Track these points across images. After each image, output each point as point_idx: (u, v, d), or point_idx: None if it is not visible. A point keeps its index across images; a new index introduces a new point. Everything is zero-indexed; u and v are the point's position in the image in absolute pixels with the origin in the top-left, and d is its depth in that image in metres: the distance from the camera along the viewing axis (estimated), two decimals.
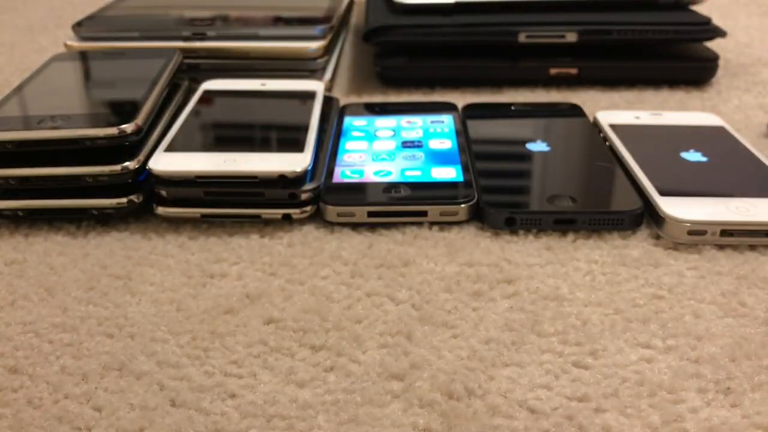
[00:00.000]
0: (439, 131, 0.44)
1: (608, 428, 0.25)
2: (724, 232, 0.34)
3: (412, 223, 0.36)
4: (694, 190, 0.36)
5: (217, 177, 0.36)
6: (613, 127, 0.43)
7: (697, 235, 0.34)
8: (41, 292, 0.33)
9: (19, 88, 0.42)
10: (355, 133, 0.44)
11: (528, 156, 0.41)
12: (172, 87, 0.45)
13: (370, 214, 0.36)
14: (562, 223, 0.36)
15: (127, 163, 0.36)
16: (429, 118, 0.46)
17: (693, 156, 0.39)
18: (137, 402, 0.27)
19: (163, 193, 0.37)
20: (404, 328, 0.30)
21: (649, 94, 0.53)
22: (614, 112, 0.46)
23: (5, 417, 0.26)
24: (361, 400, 0.26)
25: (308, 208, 0.37)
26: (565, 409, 0.26)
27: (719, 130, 0.43)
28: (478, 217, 0.37)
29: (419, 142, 0.42)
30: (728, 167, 0.38)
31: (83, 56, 0.48)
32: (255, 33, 0.53)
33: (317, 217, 0.37)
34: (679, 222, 0.34)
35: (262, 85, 0.47)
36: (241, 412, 0.26)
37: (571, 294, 0.32)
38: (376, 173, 0.39)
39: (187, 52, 0.51)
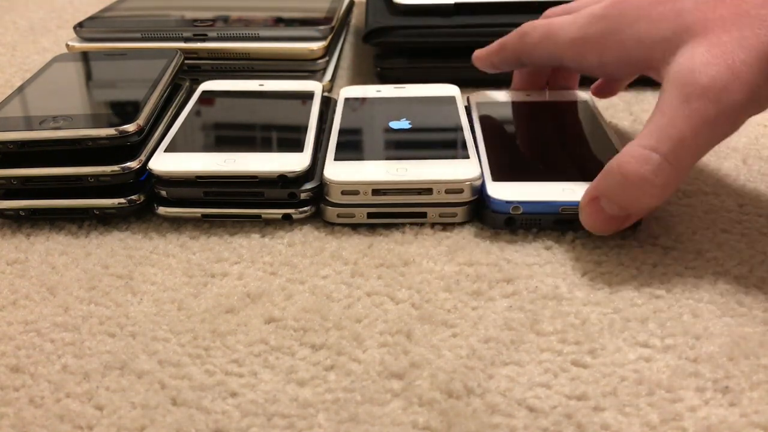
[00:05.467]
0: None
1: (607, 427, 0.25)
2: (376, 192, 0.36)
3: (412, 223, 0.37)
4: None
5: (217, 177, 0.36)
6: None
7: (351, 195, 0.36)
8: (43, 292, 0.33)
9: (20, 89, 0.42)
10: None
11: None
12: (174, 87, 0.45)
13: (370, 215, 0.36)
14: (562, 223, 0.36)
15: (128, 163, 0.36)
16: None
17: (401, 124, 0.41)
18: (138, 401, 0.27)
19: (163, 193, 0.37)
20: (404, 327, 0.30)
21: (648, 95, 0.53)
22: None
23: (7, 416, 0.26)
24: (361, 398, 0.27)
25: (308, 209, 0.37)
26: (564, 407, 0.26)
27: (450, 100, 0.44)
28: (478, 217, 0.37)
29: None
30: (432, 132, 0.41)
31: (85, 57, 0.48)
32: (256, 34, 0.53)
33: (317, 217, 0.37)
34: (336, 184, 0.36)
35: (260, 85, 0.47)
36: (241, 410, 0.26)
37: (570, 293, 0.32)
38: None
39: (188, 53, 0.51)
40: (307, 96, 0.45)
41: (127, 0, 0.62)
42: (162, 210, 0.37)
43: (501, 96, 0.46)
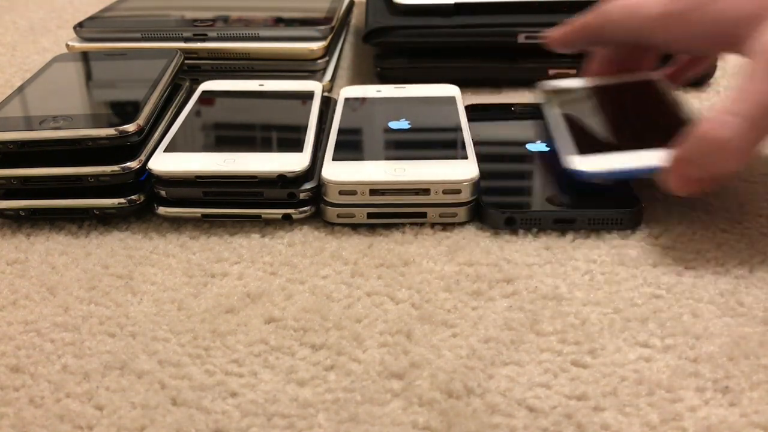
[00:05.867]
0: None
1: (607, 427, 0.25)
2: (374, 192, 0.36)
3: (412, 223, 0.37)
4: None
5: (216, 177, 0.36)
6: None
7: (348, 195, 0.36)
8: (43, 292, 0.33)
9: (21, 89, 0.42)
10: None
11: (528, 156, 0.41)
12: (174, 87, 0.45)
13: (370, 215, 0.36)
14: (562, 223, 0.36)
15: (128, 163, 0.36)
16: None
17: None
18: (138, 401, 0.27)
19: (163, 193, 0.37)
20: (404, 327, 0.30)
21: None
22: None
23: (7, 416, 0.26)
24: (361, 398, 0.27)
25: (308, 208, 0.37)
26: (564, 407, 0.26)
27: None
28: (479, 217, 0.37)
29: None
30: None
31: (85, 57, 0.48)
32: (256, 34, 0.53)
33: (317, 217, 0.37)
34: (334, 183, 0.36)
35: (260, 85, 0.47)
36: (241, 410, 0.26)
37: (569, 293, 0.32)
38: None
39: (188, 53, 0.51)
40: (307, 96, 0.45)
41: (127, 0, 0.62)
42: (162, 210, 0.37)
43: (572, 83, 0.46)
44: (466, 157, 0.37)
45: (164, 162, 0.37)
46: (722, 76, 0.56)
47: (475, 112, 0.47)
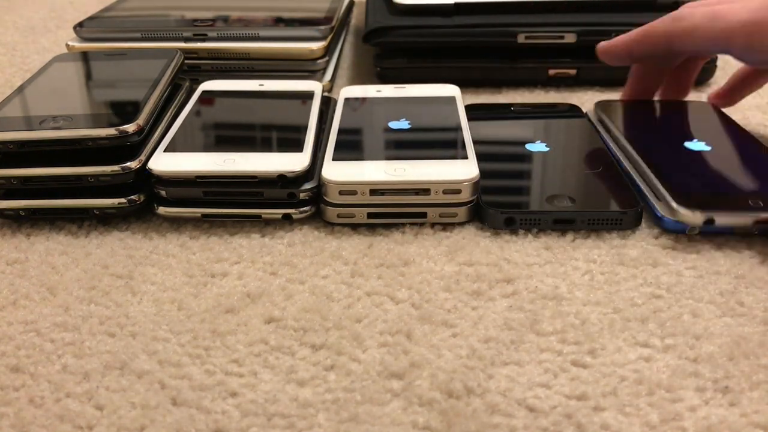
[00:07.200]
0: None
1: (607, 427, 0.25)
2: (374, 192, 0.36)
3: (412, 223, 0.37)
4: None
5: (216, 177, 0.36)
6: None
7: (348, 195, 0.36)
8: (43, 292, 0.33)
9: (21, 89, 0.42)
10: None
11: (527, 156, 0.41)
12: (174, 87, 0.45)
13: (370, 215, 0.36)
14: (562, 223, 0.36)
15: (128, 163, 0.36)
16: None
17: None
18: (138, 401, 0.27)
19: (163, 193, 0.37)
20: (404, 327, 0.30)
21: None
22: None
23: (7, 416, 0.26)
24: (361, 398, 0.27)
25: (308, 208, 0.37)
26: (564, 407, 0.26)
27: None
28: (479, 217, 0.37)
29: None
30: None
31: (85, 57, 0.48)
32: (256, 34, 0.53)
33: (317, 217, 0.37)
34: (333, 183, 0.36)
35: (260, 85, 0.47)
36: (241, 410, 0.26)
37: (569, 293, 0.32)
38: None
39: (188, 53, 0.51)
40: (307, 96, 0.45)
41: (127, 0, 0.62)
42: (162, 210, 0.37)
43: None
44: (466, 157, 0.37)
45: (164, 162, 0.37)
46: (721, 77, 0.56)
47: (475, 112, 0.47)
